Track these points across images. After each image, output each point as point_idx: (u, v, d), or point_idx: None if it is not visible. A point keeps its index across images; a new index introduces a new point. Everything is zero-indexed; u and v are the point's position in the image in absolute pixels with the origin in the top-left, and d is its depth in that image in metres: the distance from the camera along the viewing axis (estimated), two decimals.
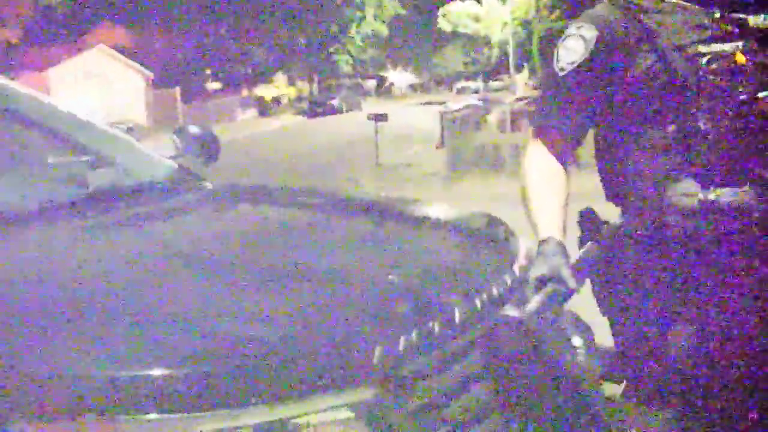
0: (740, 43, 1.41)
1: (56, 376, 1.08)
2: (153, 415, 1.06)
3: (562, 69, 1.50)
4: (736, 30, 1.43)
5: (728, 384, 1.44)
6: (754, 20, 1.44)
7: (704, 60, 1.40)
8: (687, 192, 1.39)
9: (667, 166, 1.42)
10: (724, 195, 1.37)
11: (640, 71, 1.45)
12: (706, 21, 1.44)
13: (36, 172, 2.07)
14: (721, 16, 1.44)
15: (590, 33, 1.47)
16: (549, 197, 1.50)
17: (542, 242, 1.43)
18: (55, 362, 1.10)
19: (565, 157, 1.56)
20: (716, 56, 1.40)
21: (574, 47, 1.49)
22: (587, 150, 1.68)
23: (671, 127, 1.43)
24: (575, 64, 1.48)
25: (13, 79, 2.37)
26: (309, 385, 1.14)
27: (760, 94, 1.40)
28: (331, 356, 1.18)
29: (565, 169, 1.55)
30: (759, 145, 1.39)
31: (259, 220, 1.95)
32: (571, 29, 1.51)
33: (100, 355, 1.12)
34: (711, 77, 1.40)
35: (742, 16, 1.44)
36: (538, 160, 1.55)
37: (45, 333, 1.16)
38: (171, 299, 1.29)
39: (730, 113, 1.39)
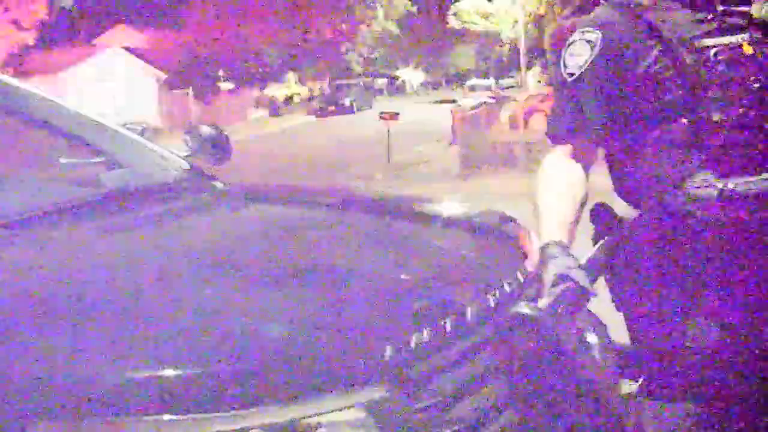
0: (746, 35, 1.42)
1: (69, 376, 1.08)
2: (165, 416, 1.06)
3: (571, 74, 1.51)
4: (741, 22, 1.43)
5: (748, 380, 1.42)
6: (758, 12, 1.43)
7: (712, 52, 1.41)
8: (705, 183, 1.39)
9: (683, 159, 1.42)
10: (742, 184, 1.38)
11: (647, 66, 1.45)
12: (709, 15, 1.44)
13: (49, 174, 2.08)
14: (725, 10, 1.44)
15: (594, 35, 1.49)
16: (561, 206, 1.48)
17: (543, 247, 1.43)
18: (67, 363, 1.10)
19: (587, 159, 1.55)
20: (723, 48, 1.41)
21: (579, 52, 1.50)
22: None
23: (683, 121, 1.42)
24: (583, 68, 1.49)
25: (28, 80, 2.39)
26: (320, 384, 1.13)
27: None
28: (343, 355, 1.18)
29: (586, 172, 1.54)
30: None
31: (270, 220, 1.94)
32: (575, 36, 1.52)
33: (113, 356, 1.12)
34: (720, 68, 1.40)
35: (745, 9, 1.44)
36: (557, 169, 1.53)
37: (58, 334, 1.16)
38: (182, 299, 1.29)
39: (742, 102, 1.39)
